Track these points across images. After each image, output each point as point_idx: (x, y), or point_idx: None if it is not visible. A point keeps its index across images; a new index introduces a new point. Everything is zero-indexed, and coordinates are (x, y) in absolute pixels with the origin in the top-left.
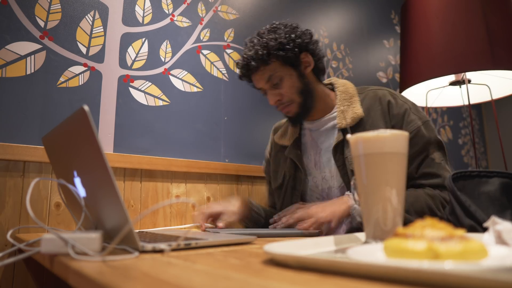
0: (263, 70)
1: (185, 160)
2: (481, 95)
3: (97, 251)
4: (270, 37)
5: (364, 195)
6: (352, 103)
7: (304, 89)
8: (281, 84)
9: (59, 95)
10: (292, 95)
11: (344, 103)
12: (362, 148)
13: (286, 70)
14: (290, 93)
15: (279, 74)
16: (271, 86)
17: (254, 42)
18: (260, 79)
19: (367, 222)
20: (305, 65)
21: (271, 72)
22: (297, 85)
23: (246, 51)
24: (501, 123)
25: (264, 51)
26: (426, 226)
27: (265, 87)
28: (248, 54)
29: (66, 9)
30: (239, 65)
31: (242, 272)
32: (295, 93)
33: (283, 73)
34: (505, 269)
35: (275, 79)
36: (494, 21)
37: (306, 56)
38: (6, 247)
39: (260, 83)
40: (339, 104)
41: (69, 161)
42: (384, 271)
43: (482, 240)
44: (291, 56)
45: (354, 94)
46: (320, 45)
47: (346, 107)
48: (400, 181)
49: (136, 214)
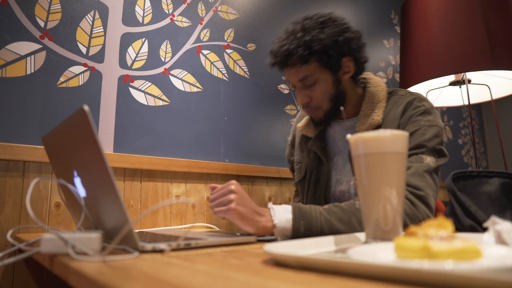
0: (299, 68)
1: (185, 160)
2: (481, 95)
3: (97, 251)
4: (316, 37)
5: (364, 195)
6: (376, 108)
7: (336, 96)
8: (314, 87)
9: (59, 95)
10: (323, 101)
11: (369, 107)
12: (362, 148)
13: (323, 74)
14: (321, 99)
15: (315, 77)
16: (303, 85)
17: (297, 36)
18: (293, 75)
19: (367, 222)
20: (344, 71)
21: (307, 73)
22: (330, 91)
23: (286, 42)
24: (501, 123)
25: (306, 52)
26: (432, 226)
27: (296, 84)
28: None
29: (66, 9)
30: (273, 53)
31: (242, 272)
32: (326, 99)
33: (319, 76)
34: (505, 269)
35: (310, 81)
36: (494, 21)
37: (348, 61)
38: (6, 247)
39: (292, 79)
40: (364, 108)
41: (69, 161)
42: (384, 271)
43: (480, 240)
44: (332, 61)
45: (382, 99)
46: None
47: (369, 111)
48: (400, 181)
49: (136, 214)
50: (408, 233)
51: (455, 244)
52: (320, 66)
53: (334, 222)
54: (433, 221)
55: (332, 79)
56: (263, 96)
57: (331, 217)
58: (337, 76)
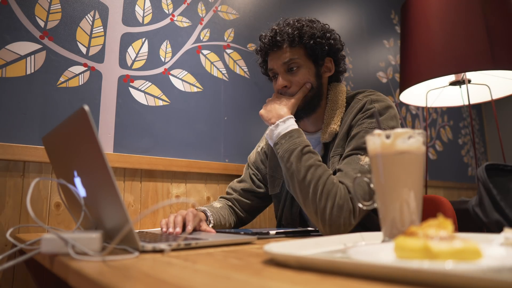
0: (286, 50)
1: (185, 160)
2: (481, 95)
3: (97, 251)
4: (307, 25)
5: (381, 195)
6: (335, 115)
7: (314, 88)
8: (296, 72)
9: (59, 95)
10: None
11: (330, 115)
12: (380, 147)
13: (307, 62)
14: (300, 86)
15: (299, 61)
16: (285, 69)
17: (289, 22)
18: (278, 58)
19: (384, 221)
20: (324, 70)
21: (293, 56)
22: (311, 80)
23: (276, 27)
24: (501, 123)
25: (296, 32)
26: (432, 226)
27: (278, 69)
28: (278, 28)
29: (66, 9)
30: (262, 37)
31: (242, 272)
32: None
33: (303, 62)
34: (505, 269)
35: (294, 64)
36: (494, 21)
37: (330, 62)
38: (6, 247)
39: (276, 63)
40: (326, 116)
41: (69, 161)
42: (384, 271)
43: (481, 240)
44: (317, 52)
45: (341, 105)
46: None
47: (330, 120)
48: (417, 180)
49: (136, 214)
50: (408, 233)
51: (455, 244)
52: (306, 53)
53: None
54: (433, 221)
55: (314, 70)
56: (263, 96)
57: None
58: (318, 70)
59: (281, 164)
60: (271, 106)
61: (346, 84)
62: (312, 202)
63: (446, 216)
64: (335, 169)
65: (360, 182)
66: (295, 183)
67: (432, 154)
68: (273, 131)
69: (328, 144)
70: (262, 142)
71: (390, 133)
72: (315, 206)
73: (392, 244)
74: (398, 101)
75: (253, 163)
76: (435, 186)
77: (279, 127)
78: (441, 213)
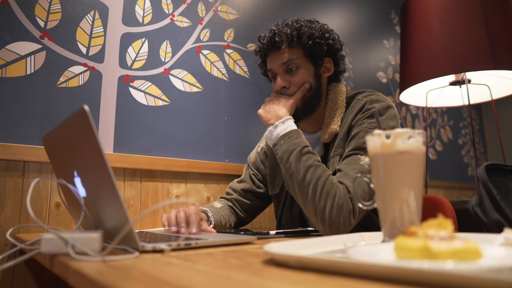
0: (284, 51)
1: (185, 160)
2: (481, 95)
3: (97, 251)
4: (306, 25)
5: (381, 194)
6: (335, 116)
7: (313, 89)
8: (295, 73)
9: (59, 95)
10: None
11: (330, 115)
12: (380, 147)
13: (306, 62)
14: (299, 86)
15: (298, 61)
16: (284, 70)
17: (288, 23)
18: (277, 59)
19: (384, 221)
20: (324, 70)
21: (291, 56)
22: (310, 81)
23: (275, 27)
24: (501, 123)
25: (294, 32)
26: (432, 226)
27: (277, 69)
28: (277, 29)
29: (66, 9)
30: (261, 38)
31: (242, 272)
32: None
33: (302, 63)
34: (505, 269)
35: (292, 64)
36: (494, 21)
37: (329, 62)
38: (6, 247)
39: (275, 64)
40: (326, 116)
41: (69, 161)
42: (384, 271)
43: (480, 240)
44: (316, 53)
45: (341, 105)
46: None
47: (330, 120)
48: (417, 180)
49: (136, 214)
50: (408, 233)
51: (455, 244)
52: (305, 53)
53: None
54: (433, 221)
55: (313, 70)
56: (263, 96)
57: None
58: (317, 70)
59: (280, 165)
60: (269, 106)
61: (346, 84)
62: (311, 202)
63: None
64: (335, 169)
65: (360, 182)
66: (294, 183)
67: (432, 154)
68: (272, 132)
69: (328, 145)
70: (262, 142)
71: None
72: (315, 206)
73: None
74: (398, 101)
75: (253, 163)
76: (435, 186)
77: (278, 128)
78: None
